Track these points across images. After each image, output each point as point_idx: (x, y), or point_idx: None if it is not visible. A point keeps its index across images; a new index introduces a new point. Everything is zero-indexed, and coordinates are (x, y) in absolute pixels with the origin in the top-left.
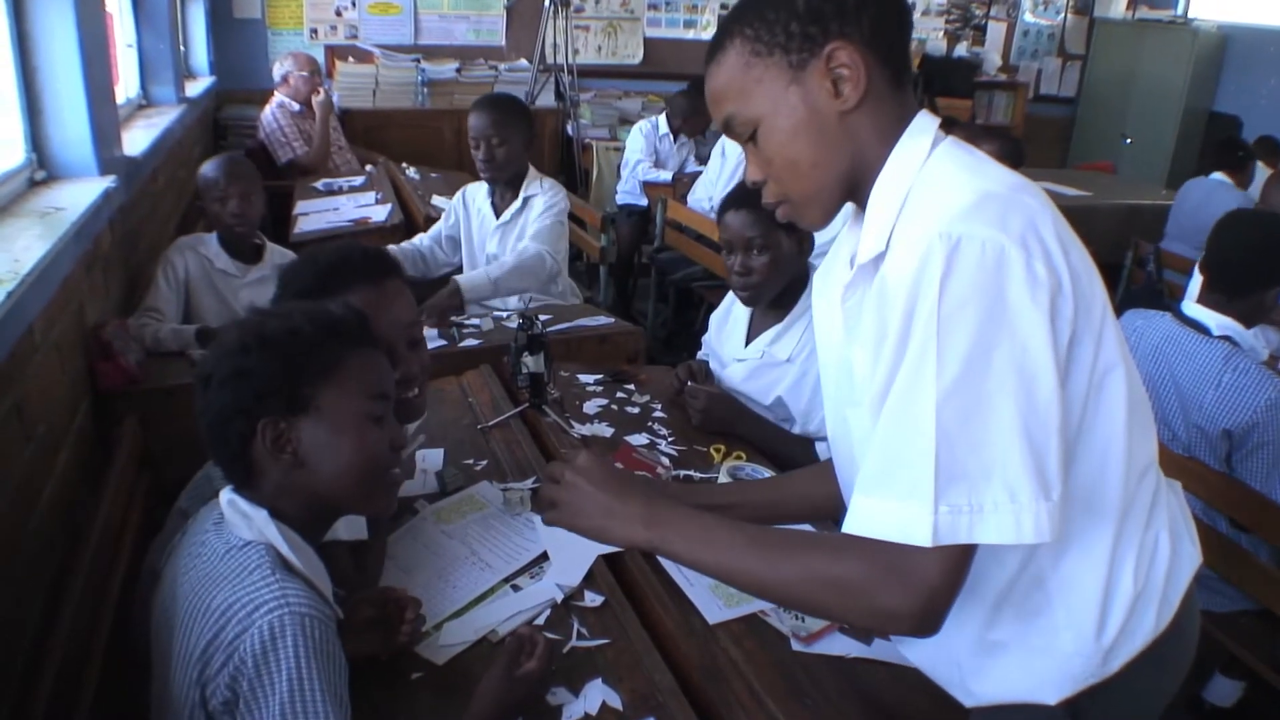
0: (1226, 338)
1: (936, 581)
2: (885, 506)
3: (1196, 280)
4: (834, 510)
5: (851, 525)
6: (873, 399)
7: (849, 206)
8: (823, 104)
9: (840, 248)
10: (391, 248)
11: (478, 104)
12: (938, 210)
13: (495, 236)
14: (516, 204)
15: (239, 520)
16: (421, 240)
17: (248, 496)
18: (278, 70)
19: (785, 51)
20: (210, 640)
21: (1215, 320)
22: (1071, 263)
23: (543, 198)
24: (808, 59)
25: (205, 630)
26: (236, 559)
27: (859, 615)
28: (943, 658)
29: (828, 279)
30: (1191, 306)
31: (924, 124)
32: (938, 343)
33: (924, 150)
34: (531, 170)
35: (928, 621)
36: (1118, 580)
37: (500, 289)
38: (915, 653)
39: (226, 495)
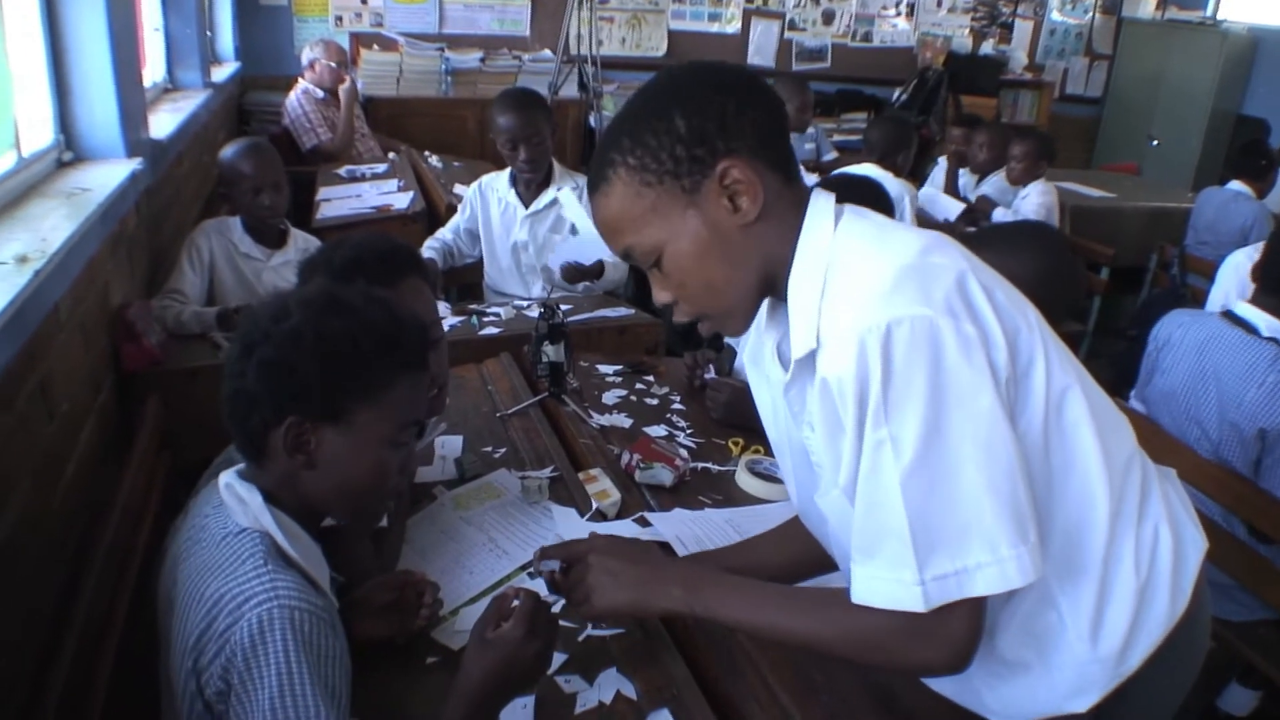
0: (1275, 340)
1: (959, 633)
2: (879, 575)
3: (1218, 285)
4: (794, 576)
5: (857, 594)
6: (844, 487)
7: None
8: (723, 221)
9: (764, 336)
10: (431, 244)
11: (508, 105)
12: (860, 298)
13: (525, 226)
14: (549, 195)
15: (235, 505)
16: (444, 234)
17: (247, 478)
18: (305, 56)
19: (675, 177)
20: (203, 631)
21: (1265, 321)
22: (997, 303)
23: (585, 195)
24: (700, 180)
25: (199, 620)
26: (231, 546)
27: (896, 667)
28: (967, 688)
29: (758, 365)
30: (1242, 306)
31: (820, 206)
32: (889, 427)
33: (828, 233)
34: (555, 162)
35: (960, 665)
36: (1115, 579)
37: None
38: (938, 684)
39: (225, 478)
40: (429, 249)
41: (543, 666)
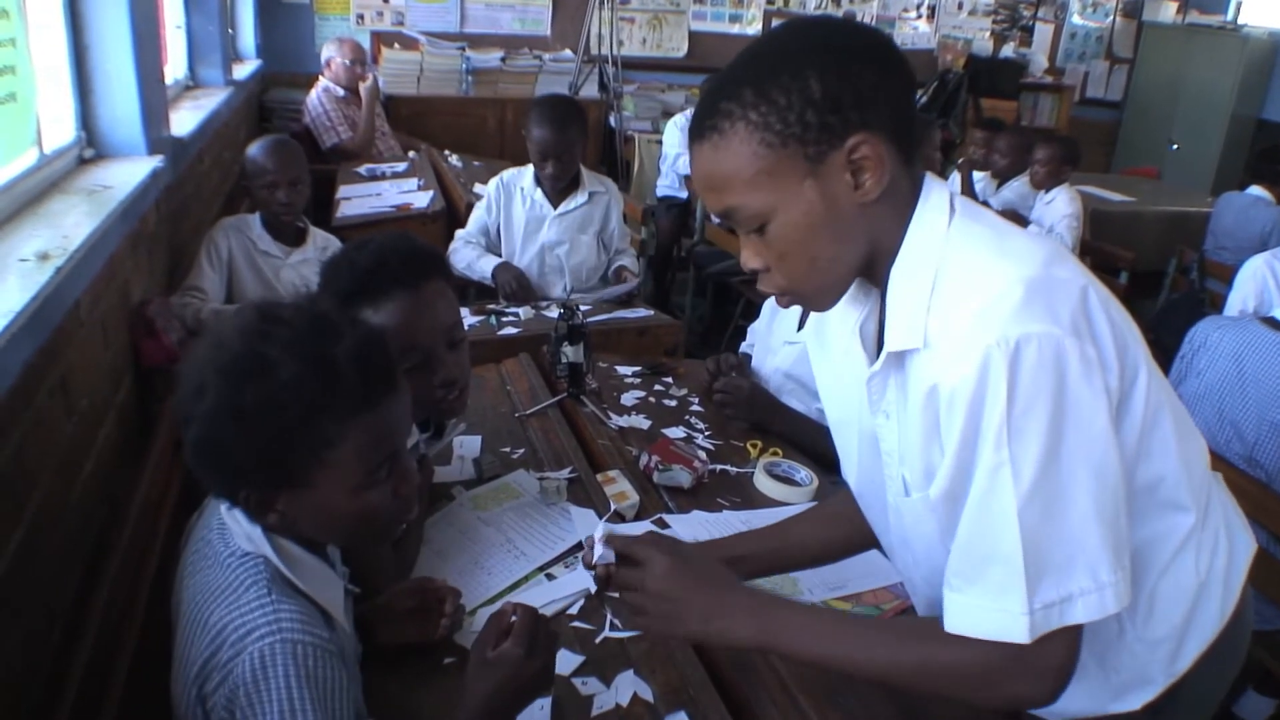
0: None
1: (1058, 664)
2: (981, 605)
3: (1237, 290)
4: (832, 557)
5: (952, 624)
6: (935, 499)
7: None
8: (841, 196)
9: (840, 312)
10: (469, 238)
11: (545, 118)
12: (984, 307)
13: (554, 226)
14: (580, 197)
15: (236, 529)
16: (476, 234)
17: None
18: (324, 55)
19: (801, 143)
20: (208, 659)
21: None
22: (1112, 317)
23: (614, 200)
24: (826, 151)
25: (203, 647)
26: (235, 571)
27: (988, 700)
28: None
29: (823, 338)
30: None
31: (938, 198)
32: (1010, 449)
33: (942, 227)
34: (580, 163)
35: (1053, 697)
36: (1176, 581)
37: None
38: None
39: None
40: (479, 246)
41: (545, 683)
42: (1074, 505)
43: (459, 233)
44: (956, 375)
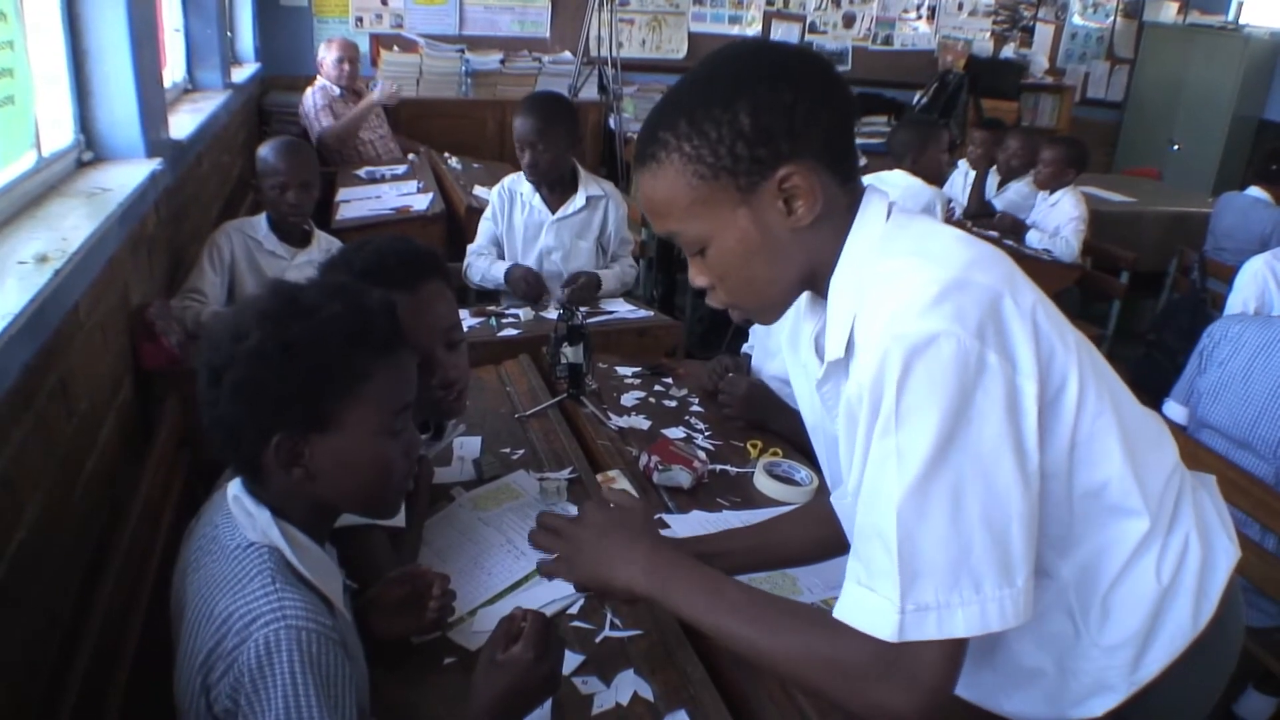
0: None
1: (928, 677)
2: (861, 596)
3: (1237, 291)
4: (814, 557)
5: (838, 609)
6: (852, 491)
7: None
8: (774, 223)
9: (802, 324)
10: (482, 249)
11: (524, 108)
12: (895, 309)
13: (551, 231)
14: (577, 202)
15: (243, 518)
16: (487, 245)
17: (253, 492)
18: (318, 57)
19: (731, 174)
20: (212, 649)
21: None
22: (1036, 325)
23: (613, 204)
24: (758, 181)
25: (208, 637)
26: (240, 562)
27: (851, 700)
28: (987, 693)
29: (796, 351)
30: None
31: (875, 211)
32: (897, 439)
33: (874, 239)
34: (580, 167)
35: (925, 715)
36: (1134, 586)
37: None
38: (958, 687)
39: (232, 490)
40: (490, 256)
41: (552, 687)
42: (959, 510)
43: (470, 247)
44: (862, 369)
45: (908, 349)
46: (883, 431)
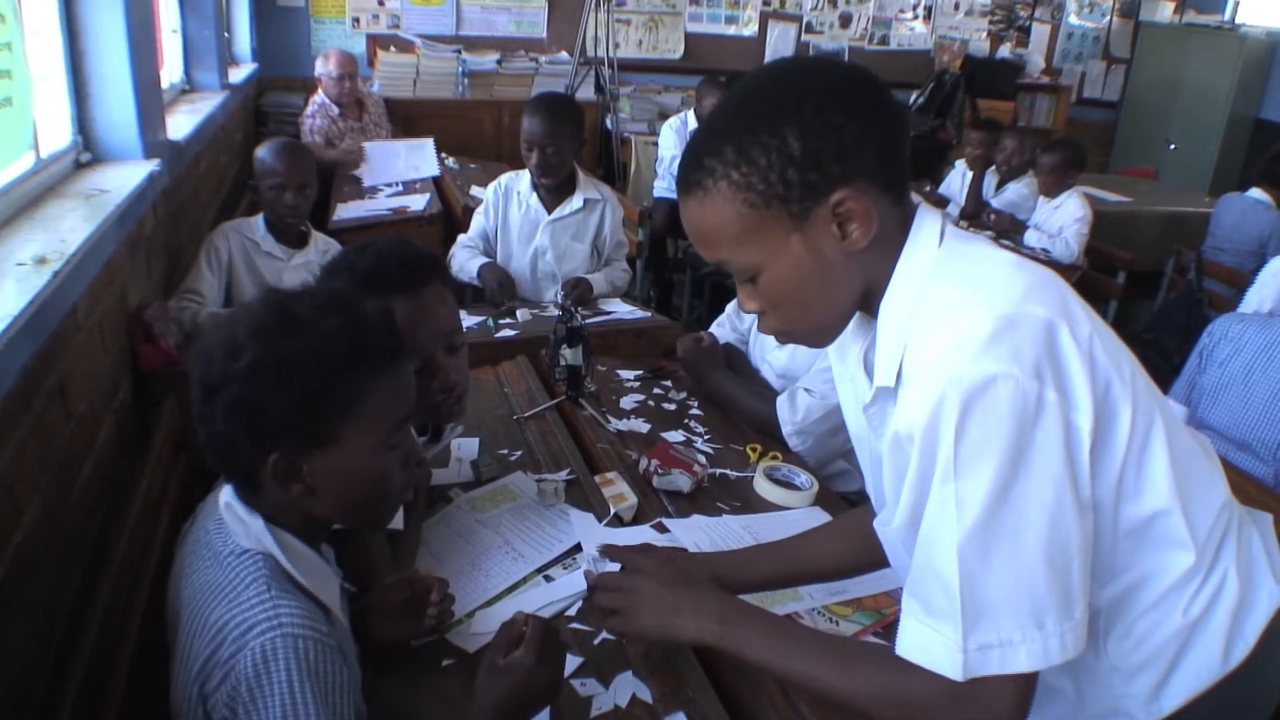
0: None
1: (1002, 708)
2: (924, 634)
3: (1256, 289)
4: (847, 574)
5: (901, 646)
6: (898, 526)
7: None
8: (828, 248)
9: (851, 340)
10: (467, 243)
11: (535, 109)
12: (949, 345)
13: (547, 231)
14: (574, 204)
15: (236, 525)
16: (477, 239)
17: (246, 501)
18: (316, 70)
19: (784, 202)
20: (208, 657)
21: None
22: (1092, 355)
23: (610, 208)
24: (811, 207)
25: (204, 645)
26: (234, 569)
27: None
28: None
29: (844, 362)
30: None
31: (928, 231)
32: (956, 486)
33: (927, 262)
34: (578, 169)
35: None
36: (1161, 619)
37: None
38: None
39: (225, 497)
40: (476, 250)
41: (554, 693)
42: (1018, 549)
43: (460, 238)
44: (916, 414)
45: (965, 394)
46: (942, 478)
